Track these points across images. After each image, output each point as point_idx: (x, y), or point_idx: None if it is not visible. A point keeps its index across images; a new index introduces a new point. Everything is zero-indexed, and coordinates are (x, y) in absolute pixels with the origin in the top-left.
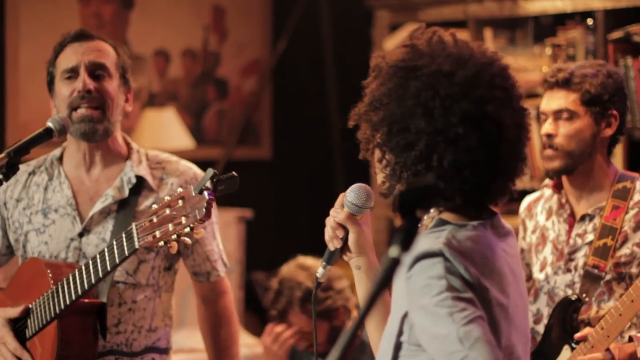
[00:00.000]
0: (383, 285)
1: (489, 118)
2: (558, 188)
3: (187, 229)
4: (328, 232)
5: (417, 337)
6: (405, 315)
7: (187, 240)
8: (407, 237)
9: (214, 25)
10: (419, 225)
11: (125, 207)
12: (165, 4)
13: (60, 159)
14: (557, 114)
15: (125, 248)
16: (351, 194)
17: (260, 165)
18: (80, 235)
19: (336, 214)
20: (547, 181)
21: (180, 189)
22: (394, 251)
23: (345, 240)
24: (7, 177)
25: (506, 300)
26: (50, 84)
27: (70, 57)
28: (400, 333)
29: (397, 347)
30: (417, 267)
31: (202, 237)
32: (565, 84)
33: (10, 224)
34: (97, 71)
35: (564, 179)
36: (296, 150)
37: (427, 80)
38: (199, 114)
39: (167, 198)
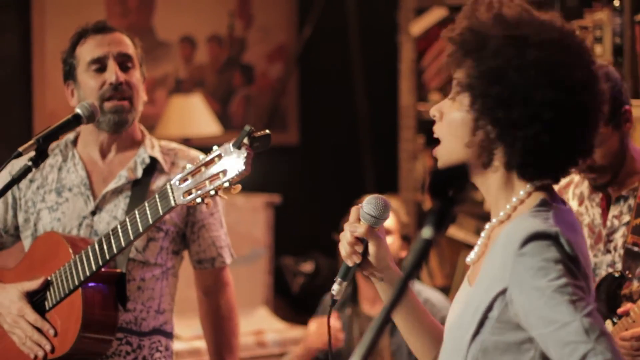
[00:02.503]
0: (417, 266)
1: (597, 84)
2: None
3: (227, 184)
4: (345, 248)
5: (516, 315)
6: (502, 292)
7: (224, 197)
8: (440, 218)
9: (239, 10)
10: (453, 206)
11: (138, 187)
12: None
13: (75, 142)
14: None
15: (160, 207)
16: (368, 206)
17: (288, 150)
18: (93, 213)
19: (355, 228)
20: None
21: (215, 147)
22: (426, 232)
23: (364, 254)
24: (36, 164)
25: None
26: (68, 74)
27: (95, 49)
28: (489, 308)
29: (482, 322)
30: (530, 246)
31: (209, 222)
32: None
33: (22, 204)
34: (125, 62)
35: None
36: (323, 135)
37: (544, 49)
38: (226, 99)
39: (203, 157)
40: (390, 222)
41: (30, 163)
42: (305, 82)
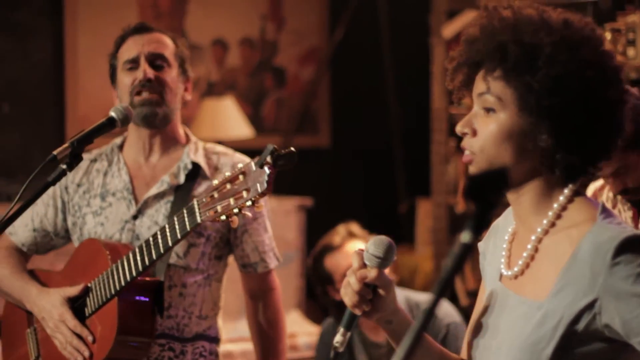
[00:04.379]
0: (456, 271)
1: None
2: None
3: (249, 203)
4: (351, 297)
5: (605, 326)
6: (590, 304)
7: (248, 214)
8: (479, 223)
9: (271, 13)
10: (492, 210)
11: (179, 193)
12: None
13: (121, 147)
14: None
15: (187, 223)
16: (375, 248)
17: (319, 153)
18: (134, 217)
19: (365, 274)
20: None
21: (240, 165)
22: (465, 237)
23: (371, 300)
24: (70, 167)
25: None
26: (113, 75)
27: (131, 49)
28: (575, 321)
29: (566, 335)
30: (625, 254)
31: (252, 227)
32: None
33: (70, 207)
34: (156, 61)
35: None
36: (354, 138)
37: (592, 50)
38: (258, 102)
39: (228, 174)
40: None
41: (64, 166)
42: (337, 85)
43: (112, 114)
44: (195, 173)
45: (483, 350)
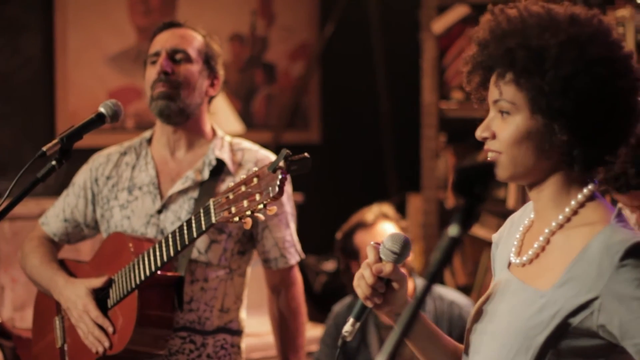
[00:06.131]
0: (444, 264)
1: (633, 65)
2: None
3: (261, 206)
4: (364, 289)
5: (600, 325)
6: (591, 300)
7: (261, 216)
8: (466, 217)
9: (262, 9)
10: (479, 204)
11: (203, 188)
12: None
13: (150, 140)
14: None
15: (203, 223)
16: (391, 243)
17: (309, 149)
18: (159, 212)
19: (380, 268)
20: None
21: (255, 168)
22: (453, 230)
23: (385, 294)
24: (60, 163)
25: None
26: (145, 71)
27: (156, 44)
28: (573, 314)
29: (561, 326)
30: (632, 258)
31: (273, 223)
32: None
33: (99, 199)
34: (176, 55)
35: None
36: (345, 134)
37: (600, 45)
38: (248, 98)
39: (243, 176)
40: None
41: (54, 163)
42: (327, 80)
43: (102, 109)
44: (219, 169)
45: (480, 334)
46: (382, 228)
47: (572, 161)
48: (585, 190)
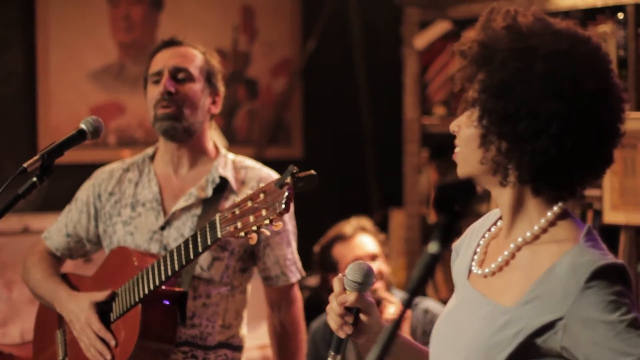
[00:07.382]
0: (424, 281)
1: (612, 93)
2: None
3: (267, 221)
4: (335, 320)
5: (562, 347)
6: (555, 320)
7: (266, 232)
8: (446, 234)
9: (244, 25)
10: (459, 221)
11: (206, 206)
12: (195, 5)
13: (153, 157)
14: None
15: (208, 237)
16: (353, 274)
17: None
18: (162, 228)
19: (344, 299)
20: None
21: (262, 184)
22: (433, 247)
23: (355, 324)
24: (41, 180)
25: None
26: (145, 90)
27: (157, 63)
28: (536, 334)
29: (523, 345)
30: (599, 279)
31: (274, 241)
32: None
33: (102, 215)
34: (179, 75)
35: None
36: (327, 149)
37: (551, 61)
38: (230, 114)
39: (249, 191)
40: (372, 247)
41: (35, 179)
42: (310, 96)
43: (82, 126)
44: (222, 187)
45: (444, 344)
46: (360, 241)
47: (506, 175)
48: (555, 208)
